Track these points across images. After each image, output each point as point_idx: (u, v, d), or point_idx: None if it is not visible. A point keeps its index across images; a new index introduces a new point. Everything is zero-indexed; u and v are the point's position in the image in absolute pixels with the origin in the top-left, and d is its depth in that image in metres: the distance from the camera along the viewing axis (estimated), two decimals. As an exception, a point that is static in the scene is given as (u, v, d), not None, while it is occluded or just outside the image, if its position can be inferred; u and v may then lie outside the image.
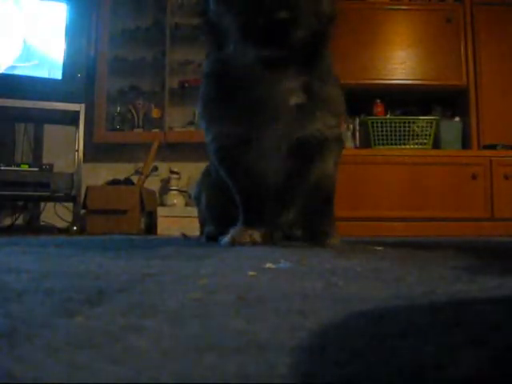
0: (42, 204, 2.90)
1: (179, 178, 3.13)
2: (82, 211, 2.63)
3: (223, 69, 1.08)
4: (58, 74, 2.55)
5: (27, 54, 2.53)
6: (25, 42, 2.54)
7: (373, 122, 2.85)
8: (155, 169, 3.09)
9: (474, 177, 2.67)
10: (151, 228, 2.78)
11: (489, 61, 2.89)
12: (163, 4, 3.23)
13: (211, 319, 0.36)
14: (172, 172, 3.11)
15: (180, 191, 3.11)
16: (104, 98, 3.12)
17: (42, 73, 2.55)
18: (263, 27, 0.91)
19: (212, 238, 1.30)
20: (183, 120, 3.20)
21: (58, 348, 0.28)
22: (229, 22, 0.97)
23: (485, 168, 2.69)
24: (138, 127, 3.17)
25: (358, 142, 2.99)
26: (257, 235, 1.12)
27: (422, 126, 2.85)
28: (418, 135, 2.85)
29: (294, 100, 1.06)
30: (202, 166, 1.46)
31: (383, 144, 2.84)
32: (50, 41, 2.57)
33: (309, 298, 0.45)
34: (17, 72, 2.49)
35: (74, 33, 2.59)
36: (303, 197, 1.19)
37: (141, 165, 2.93)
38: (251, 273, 0.62)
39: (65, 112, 2.57)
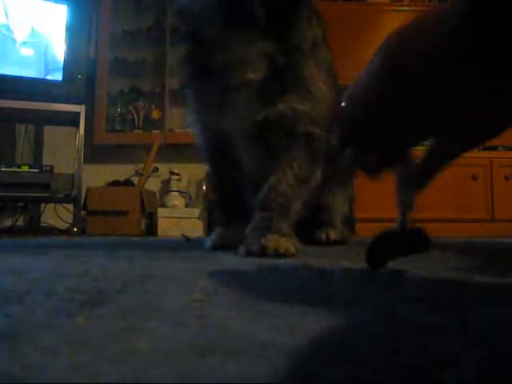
0: (43, 205, 2.90)
1: (179, 179, 3.13)
2: (83, 212, 2.63)
3: (190, 46, 0.96)
4: (58, 76, 2.55)
5: (26, 55, 2.54)
6: (25, 42, 2.54)
7: (373, 123, 2.85)
8: (155, 170, 3.09)
9: (474, 178, 2.67)
10: (151, 229, 2.78)
11: (489, 62, 2.89)
12: (163, 5, 3.23)
13: (212, 320, 0.36)
14: (172, 173, 3.11)
15: (180, 192, 3.11)
16: (104, 99, 3.12)
17: (42, 74, 2.55)
18: None
19: None
20: (183, 121, 3.20)
21: (58, 349, 0.28)
22: None
23: (485, 169, 2.69)
24: (139, 128, 3.18)
25: (358, 143, 2.99)
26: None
27: (423, 127, 2.85)
28: (418, 136, 2.85)
29: (252, 74, 0.90)
30: (202, 167, 1.46)
31: (383, 145, 2.84)
32: (50, 42, 2.57)
33: (309, 299, 0.45)
34: (16, 73, 2.49)
35: (74, 34, 2.59)
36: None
37: (141, 166, 2.93)
38: (252, 274, 0.62)
39: (65, 113, 2.57)
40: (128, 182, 2.86)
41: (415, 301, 0.44)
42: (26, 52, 2.54)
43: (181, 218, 2.73)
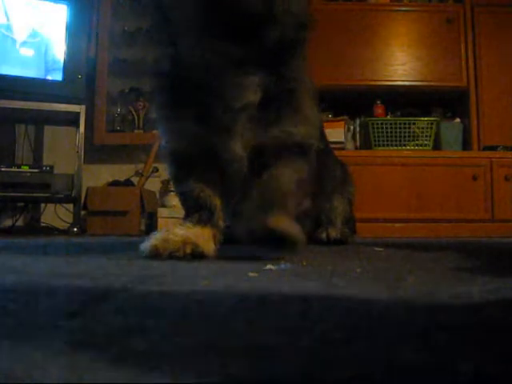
0: (43, 205, 2.89)
1: (179, 179, 3.13)
2: (83, 212, 2.63)
3: (176, 66, 0.93)
4: (58, 76, 2.55)
5: (26, 55, 2.53)
6: (25, 42, 2.54)
7: (373, 123, 2.85)
8: (156, 170, 3.09)
9: (474, 178, 2.67)
10: (152, 229, 2.78)
11: (489, 62, 2.89)
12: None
13: (212, 320, 0.36)
14: (172, 173, 3.10)
15: (180, 192, 3.11)
16: (104, 100, 3.12)
17: (42, 74, 2.55)
18: (230, 21, 0.78)
19: None
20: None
21: (58, 349, 0.28)
22: (186, 12, 0.83)
23: (485, 169, 2.69)
24: (139, 128, 3.17)
25: (358, 143, 2.99)
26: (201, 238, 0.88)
27: (423, 127, 2.85)
28: (418, 136, 2.85)
29: (250, 96, 0.90)
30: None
31: (383, 145, 2.84)
32: (50, 42, 2.57)
33: (309, 299, 0.45)
34: (16, 73, 2.49)
35: (74, 34, 2.59)
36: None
37: (141, 166, 2.93)
38: (252, 274, 0.62)
39: (65, 113, 2.57)
40: (128, 182, 2.86)
41: (415, 301, 0.44)
42: (26, 52, 2.54)
43: (181, 218, 2.72)
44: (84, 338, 0.30)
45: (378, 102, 2.97)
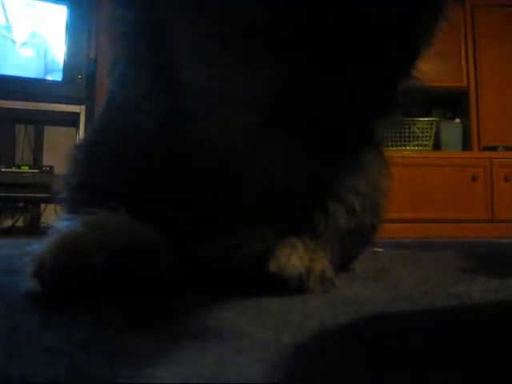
0: (43, 205, 2.90)
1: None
2: (83, 213, 2.63)
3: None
4: (58, 76, 2.56)
5: (27, 56, 2.53)
6: (25, 43, 2.53)
7: (373, 124, 2.85)
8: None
9: (474, 178, 2.66)
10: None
11: (489, 62, 2.89)
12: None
13: (212, 320, 0.36)
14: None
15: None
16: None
17: (42, 74, 2.55)
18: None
19: None
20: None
21: (58, 348, 0.28)
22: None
23: (485, 170, 2.69)
24: (139, 129, 3.17)
25: (358, 144, 2.99)
26: None
27: (423, 128, 2.85)
28: (418, 137, 2.85)
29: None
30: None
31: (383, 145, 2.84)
32: (50, 42, 2.57)
33: (309, 299, 0.44)
34: (16, 73, 2.49)
35: (74, 34, 2.59)
36: None
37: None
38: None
39: (65, 113, 2.57)
40: (128, 183, 2.86)
41: (415, 301, 0.44)
42: (27, 53, 2.54)
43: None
44: (84, 338, 0.30)
45: (378, 102, 2.97)
